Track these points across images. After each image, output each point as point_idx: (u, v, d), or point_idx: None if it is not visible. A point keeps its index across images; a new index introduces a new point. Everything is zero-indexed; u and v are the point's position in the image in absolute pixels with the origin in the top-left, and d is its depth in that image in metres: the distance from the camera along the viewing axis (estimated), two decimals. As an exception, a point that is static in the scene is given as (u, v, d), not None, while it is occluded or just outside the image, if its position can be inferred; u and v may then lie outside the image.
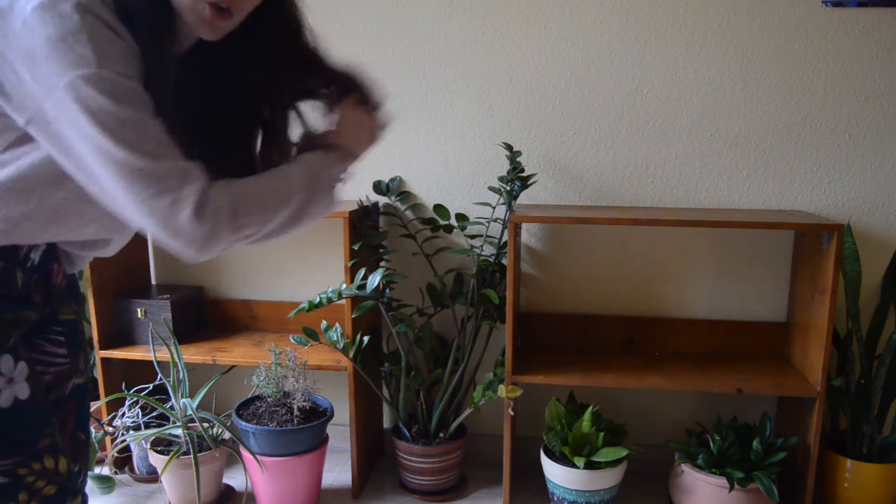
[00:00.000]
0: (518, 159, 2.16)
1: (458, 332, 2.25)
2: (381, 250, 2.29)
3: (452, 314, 2.31)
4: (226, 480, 2.30)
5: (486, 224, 2.23)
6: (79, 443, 1.21)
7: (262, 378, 2.14)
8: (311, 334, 2.11)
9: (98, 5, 0.85)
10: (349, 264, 2.10)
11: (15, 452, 0.97)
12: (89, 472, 2.04)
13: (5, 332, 0.98)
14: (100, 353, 2.28)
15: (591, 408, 2.08)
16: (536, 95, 2.26)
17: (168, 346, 2.17)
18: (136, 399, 2.24)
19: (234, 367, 2.32)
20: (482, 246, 2.25)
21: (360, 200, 2.23)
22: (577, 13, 2.20)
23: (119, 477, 2.38)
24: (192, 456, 2.02)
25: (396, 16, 2.28)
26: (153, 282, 2.58)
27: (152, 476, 2.35)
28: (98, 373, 2.30)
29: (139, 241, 2.46)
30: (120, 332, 2.36)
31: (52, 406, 1.13)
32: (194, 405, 2.12)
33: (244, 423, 2.10)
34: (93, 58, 0.82)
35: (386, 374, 2.33)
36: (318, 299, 2.04)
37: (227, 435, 2.14)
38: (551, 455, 2.09)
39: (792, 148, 2.19)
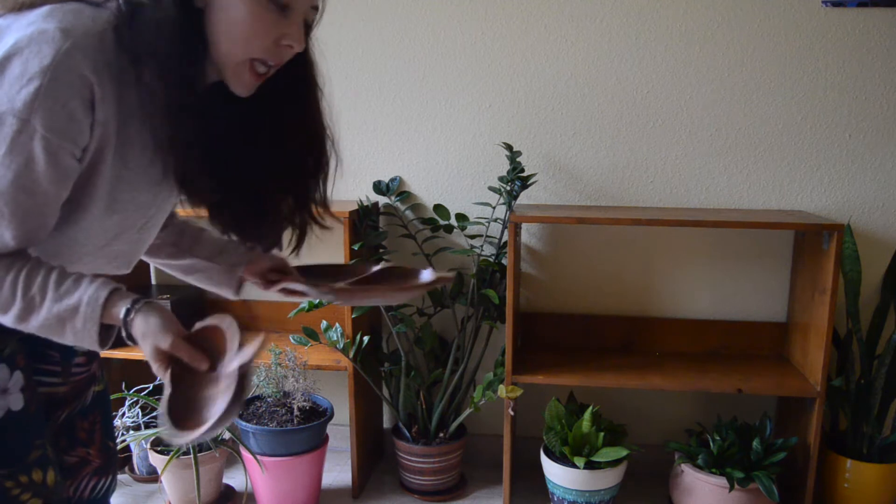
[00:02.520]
0: (518, 159, 2.16)
1: (458, 332, 2.25)
2: (381, 250, 2.29)
3: (452, 314, 2.31)
4: (226, 480, 2.30)
5: (486, 224, 2.23)
6: (108, 451, 1.19)
7: (262, 378, 2.14)
8: (311, 334, 2.11)
9: (83, 55, 0.83)
10: (349, 264, 2.10)
11: (4, 464, 0.96)
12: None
13: (1, 338, 0.97)
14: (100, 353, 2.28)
15: (591, 408, 2.08)
16: (536, 95, 2.26)
17: (168, 346, 2.16)
18: (136, 399, 2.24)
19: (234, 367, 2.31)
20: (482, 246, 2.25)
21: (360, 200, 2.23)
22: (577, 13, 2.20)
23: (119, 477, 2.37)
24: (192, 456, 2.02)
25: (396, 15, 2.28)
26: (153, 282, 2.58)
27: (152, 476, 2.35)
28: (98, 373, 2.30)
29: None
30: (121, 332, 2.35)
31: (61, 422, 1.12)
32: (194, 405, 2.12)
33: (244, 423, 2.10)
34: (28, 109, 0.81)
35: (386, 374, 2.33)
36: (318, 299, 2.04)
37: (227, 435, 2.14)
38: (551, 455, 2.09)
39: (792, 148, 2.19)
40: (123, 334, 0.92)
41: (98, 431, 1.17)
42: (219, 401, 0.91)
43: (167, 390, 0.93)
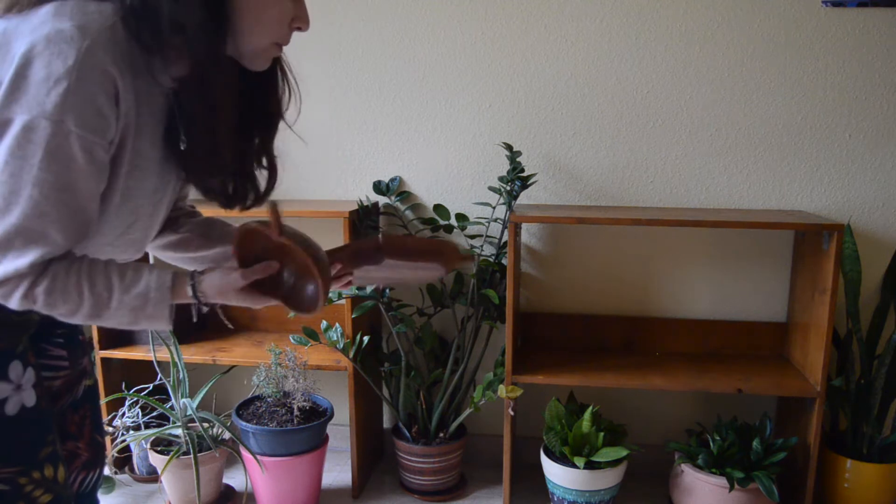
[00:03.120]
0: (518, 159, 2.16)
1: (458, 332, 2.25)
2: (381, 250, 2.29)
3: (452, 314, 2.31)
4: (226, 480, 2.30)
5: (486, 224, 2.23)
6: (96, 445, 1.20)
7: (262, 378, 2.14)
8: (311, 334, 2.11)
9: (103, 51, 0.84)
10: (349, 264, 2.10)
11: (18, 461, 0.97)
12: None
13: (15, 334, 0.98)
14: (100, 353, 2.28)
15: (591, 408, 2.08)
16: (536, 95, 2.26)
17: (168, 346, 2.17)
18: (136, 399, 2.24)
19: (234, 367, 2.32)
20: (482, 246, 2.25)
21: (360, 200, 2.23)
22: (577, 13, 2.20)
23: (119, 477, 2.38)
24: (192, 456, 2.02)
25: (396, 15, 2.28)
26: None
27: (152, 476, 2.35)
28: (98, 373, 2.30)
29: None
30: (120, 332, 2.36)
31: (55, 412, 1.12)
32: (194, 405, 2.12)
33: (244, 423, 2.10)
34: (60, 110, 0.82)
35: (386, 374, 2.33)
36: (318, 299, 2.03)
37: (227, 435, 2.13)
38: (551, 455, 2.09)
39: (792, 148, 2.19)
40: (197, 305, 0.98)
41: (87, 425, 1.18)
42: (308, 274, 0.99)
43: (277, 302, 1.02)
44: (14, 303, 0.90)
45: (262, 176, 1.14)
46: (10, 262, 0.87)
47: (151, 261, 2.56)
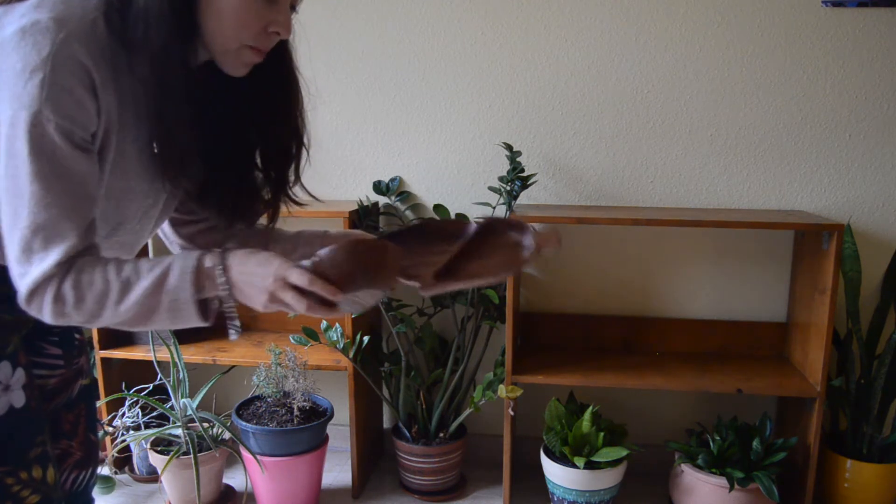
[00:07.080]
0: (518, 159, 2.16)
1: (458, 332, 2.25)
2: (381, 250, 2.29)
3: (452, 314, 2.31)
4: (226, 480, 2.30)
5: (486, 224, 2.23)
6: (90, 445, 1.20)
7: (262, 378, 2.14)
8: (311, 334, 2.11)
9: (79, 44, 0.84)
10: (349, 264, 2.10)
11: (5, 461, 0.96)
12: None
13: (6, 335, 0.97)
14: (100, 353, 2.28)
15: (591, 408, 2.08)
16: (536, 95, 2.26)
17: (168, 346, 2.17)
18: (136, 399, 2.24)
19: (234, 367, 2.32)
20: (482, 246, 2.24)
21: (360, 200, 2.23)
22: (577, 13, 2.20)
23: (119, 477, 2.38)
24: (192, 456, 2.02)
25: (397, 15, 2.28)
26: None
27: (152, 476, 2.35)
28: (98, 373, 2.30)
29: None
30: (120, 332, 2.36)
31: (47, 413, 1.12)
32: (194, 405, 2.12)
33: (244, 423, 2.10)
34: (38, 101, 0.81)
35: (386, 374, 2.33)
36: (318, 299, 2.03)
37: (227, 435, 2.13)
38: (551, 455, 2.09)
39: (792, 148, 2.19)
40: (219, 296, 0.89)
41: (82, 424, 1.17)
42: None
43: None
44: (47, 312, 0.87)
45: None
46: (37, 267, 0.85)
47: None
